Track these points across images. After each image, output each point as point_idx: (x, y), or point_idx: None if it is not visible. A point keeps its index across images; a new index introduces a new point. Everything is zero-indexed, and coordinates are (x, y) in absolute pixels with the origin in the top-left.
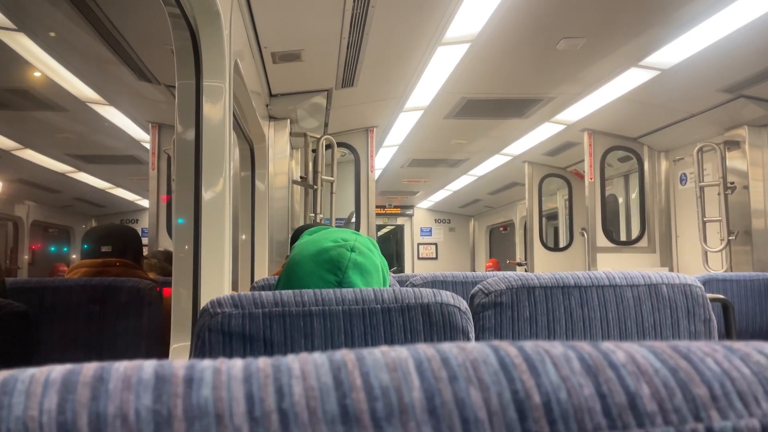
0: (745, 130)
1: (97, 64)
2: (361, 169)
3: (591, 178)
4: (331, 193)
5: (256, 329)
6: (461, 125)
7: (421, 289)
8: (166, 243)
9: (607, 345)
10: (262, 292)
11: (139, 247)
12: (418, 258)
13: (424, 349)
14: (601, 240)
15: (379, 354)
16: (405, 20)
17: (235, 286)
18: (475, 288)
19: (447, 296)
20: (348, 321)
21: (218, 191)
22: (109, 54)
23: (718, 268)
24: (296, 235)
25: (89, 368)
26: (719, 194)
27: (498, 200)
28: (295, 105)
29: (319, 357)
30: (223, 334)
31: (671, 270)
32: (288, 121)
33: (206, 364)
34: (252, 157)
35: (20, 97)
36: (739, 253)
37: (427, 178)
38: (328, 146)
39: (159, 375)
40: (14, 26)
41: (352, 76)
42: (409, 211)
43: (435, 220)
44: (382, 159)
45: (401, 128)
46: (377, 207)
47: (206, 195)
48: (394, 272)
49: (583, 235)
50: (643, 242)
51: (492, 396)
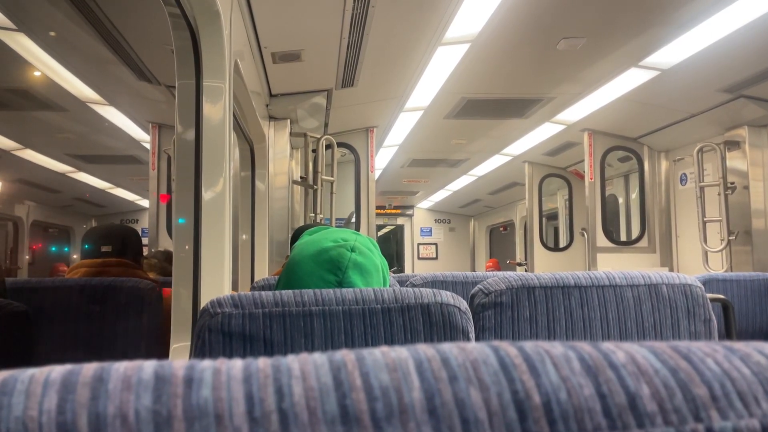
0: (745, 130)
1: (97, 64)
2: (361, 169)
3: (591, 178)
4: (331, 193)
5: (256, 329)
6: (461, 125)
7: (421, 289)
8: (166, 243)
9: (607, 345)
10: (262, 292)
11: (139, 247)
12: (418, 258)
13: (424, 349)
14: (601, 240)
15: (379, 354)
16: (405, 20)
17: (235, 286)
18: (475, 288)
19: (447, 296)
20: (348, 321)
21: (218, 191)
22: (109, 54)
23: (718, 268)
24: (296, 235)
25: (89, 368)
26: (719, 194)
27: (498, 200)
28: (295, 105)
29: (319, 357)
30: (223, 334)
31: (671, 270)
32: (288, 121)
33: (206, 364)
34: (252, 157)
35: (20, 97)
36: (739, 253)
37: (427, 178)
38: (328, 146)
39: (159, 375)
40: (14, 26)
41: (352, 76)
42: (409, 211)
43: (435, 220)
44: (382, 159)
45: (401, 128)
46: (377, 207)
47: (206, 195)
48: (394, 272)
49: (583, 235)
50: (643, 242)
51: (492, 396)
